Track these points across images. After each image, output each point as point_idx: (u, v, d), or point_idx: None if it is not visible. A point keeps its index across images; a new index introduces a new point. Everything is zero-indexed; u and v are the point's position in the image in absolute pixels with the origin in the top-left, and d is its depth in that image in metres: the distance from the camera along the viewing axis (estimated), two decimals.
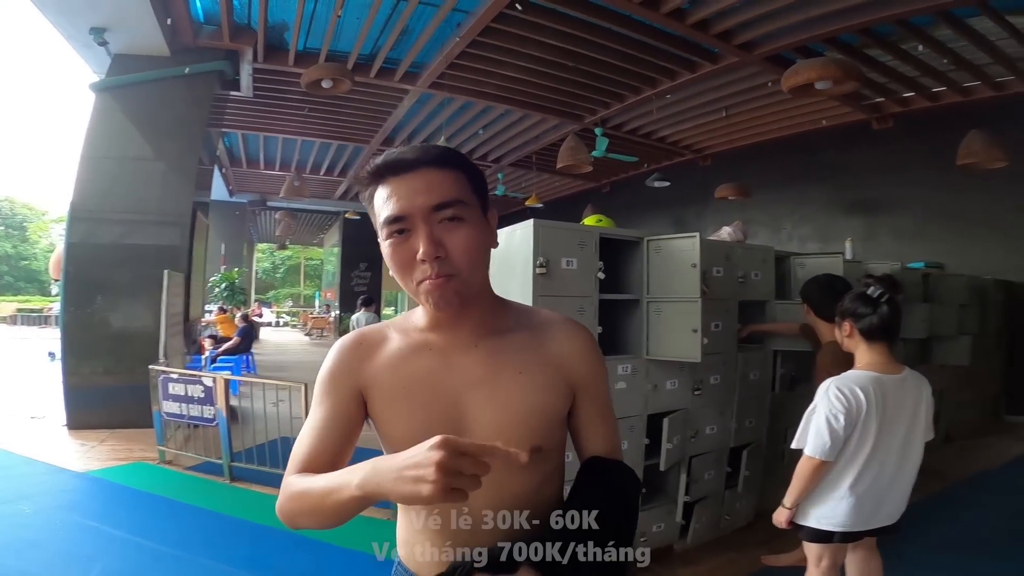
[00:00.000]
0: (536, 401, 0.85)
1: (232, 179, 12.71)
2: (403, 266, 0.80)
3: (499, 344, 0.87)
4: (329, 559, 2.86)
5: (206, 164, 9.30)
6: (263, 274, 33.48)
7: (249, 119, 8.44)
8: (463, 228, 0.80)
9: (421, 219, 0.79)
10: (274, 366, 10.49)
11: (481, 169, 0.88)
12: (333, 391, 0.88)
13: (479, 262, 0.83)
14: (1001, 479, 4.27)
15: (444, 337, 0.87)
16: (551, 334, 0.90)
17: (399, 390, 0.86)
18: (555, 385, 0.87)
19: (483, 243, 0.83)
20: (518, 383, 0.85)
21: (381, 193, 0.83)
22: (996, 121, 5.53)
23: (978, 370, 5.11)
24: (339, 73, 5.15)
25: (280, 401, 4.36)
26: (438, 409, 0.84)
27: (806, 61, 4.02)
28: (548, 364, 0.88)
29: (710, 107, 7.11)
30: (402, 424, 0.86)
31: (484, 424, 0.83)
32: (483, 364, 0.86)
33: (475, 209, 0.83)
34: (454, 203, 0.80)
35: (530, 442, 0.77)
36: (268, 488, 3.81)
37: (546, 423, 0.86)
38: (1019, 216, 6.27)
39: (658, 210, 9.52)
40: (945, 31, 4.85)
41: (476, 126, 8.30)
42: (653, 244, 2.72)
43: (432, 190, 0.79)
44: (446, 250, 0.79)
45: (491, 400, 0.84)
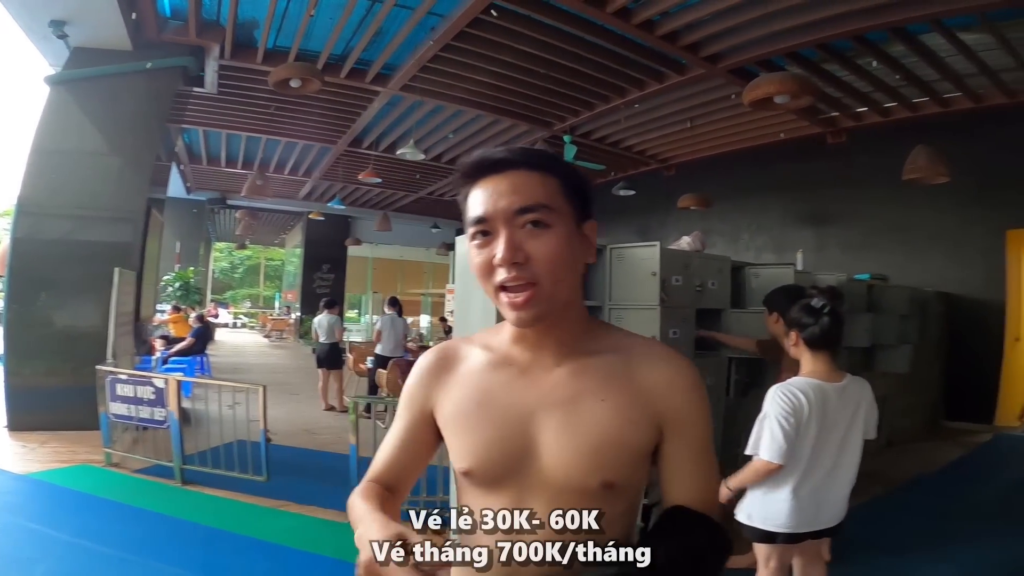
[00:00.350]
0: (613, 432, 0.78)
1: (190, 176, 12.34)
2: (482, 270, 0.77)
3: (583, 366, 0.81)
4: (286, 562, 2.82)
5: (163, 160, 9.04)
6: (221, 274, 32.47)
7: (212, 116, 8.22)
8: (547, 234, 0.76)
9: (502, 222, 0.75)
10: (230, 368, 10.23)
11: (585, 177, 0.83)
12: (407, 409, 0.91)
13: (564, 273, 0.77)
14: (939, 482, 4.48)
15: (525, 354, 0.83)
16: (645, 362, 0.82)
17: (470, 404, 0.84)
18: (639, 418, 0.79)
19: (570, 253, 0.78)
20: (597, 410, 0.79)
21: (471, 194, 0.80)
22: (941, 137, 5.81)
23: (918, 377, 5.40)
24: (309, 73, 5.08)
25: (237, 404, 4.26)
26: (507, 428, 0.80)
27: (766, 75, 4.19)
28: (635, 394, 0.80)
29: (675, 118, 7.31)
30: (469, 439, 0.83)
31: (553, 450, 0.78)
32: (563, 386, 0.81)
33: (566, 217, 0.78)
34: (538, 208, 0.76)
35: (600, 475, 0.75)
36: (224, 491, 3.73)
37: (622, 457, 0.78)
38: (959, 231, 6.63)
39: (623, 218, 9.68)
40: (899, 47, 5.10)
41: (446, 130, 8.29)
42: (615, 252, 2.79)
43: (516, 192, 0.76)
44: (527, 256, 0.75)
45: (565, 425, 0.79)
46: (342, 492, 3.42)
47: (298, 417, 6.54)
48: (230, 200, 14.10)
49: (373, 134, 8.71)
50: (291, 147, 9.83)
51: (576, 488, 0.76)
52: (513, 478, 0.79)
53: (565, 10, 4.86)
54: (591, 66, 5.88)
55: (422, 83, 6.40)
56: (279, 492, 3.80)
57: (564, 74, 6.08)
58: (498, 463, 0.80)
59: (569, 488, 0.76)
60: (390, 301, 7.31)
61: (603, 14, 4.72)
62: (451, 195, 12.26)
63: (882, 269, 6.61)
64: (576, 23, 5.06)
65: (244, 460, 3.93)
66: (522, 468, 0.79)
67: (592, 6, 4.64)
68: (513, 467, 0.79)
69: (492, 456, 0.80)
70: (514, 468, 0.79)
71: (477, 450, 0.81)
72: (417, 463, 0.90)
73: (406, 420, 0.90)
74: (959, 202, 6.44)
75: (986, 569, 2.90)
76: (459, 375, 0.87)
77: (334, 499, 3.68)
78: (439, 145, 9.00)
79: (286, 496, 3.75)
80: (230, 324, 24.50)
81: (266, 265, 33.13)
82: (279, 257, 29.28)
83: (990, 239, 6.50)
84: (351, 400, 3.77)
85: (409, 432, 0.89)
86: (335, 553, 2.86)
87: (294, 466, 4.43)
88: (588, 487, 0.76)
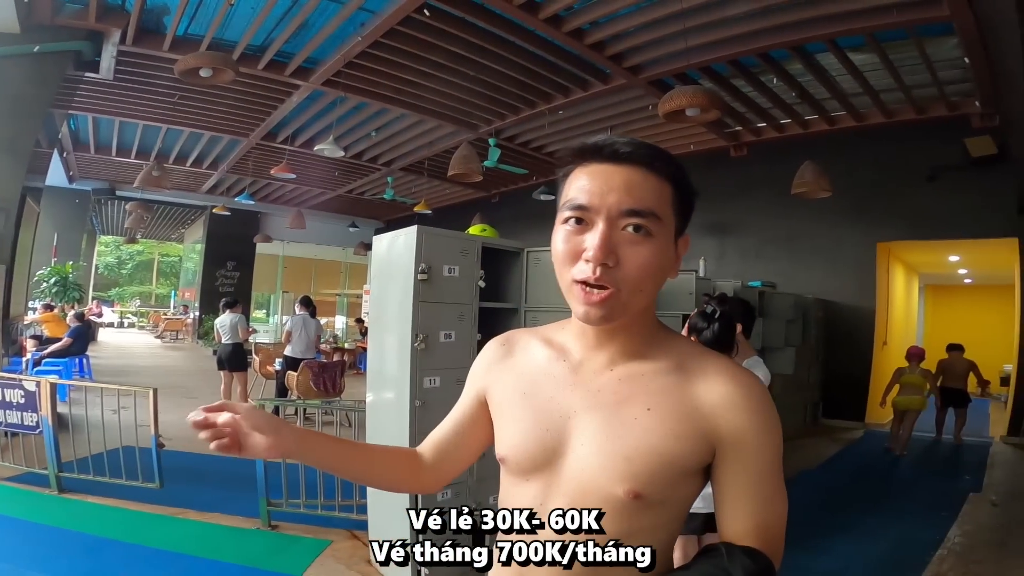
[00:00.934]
0: (653, 444, 0.74)
1: (74, 165, 11.17)
2: (567, 256, 0.74)
3: (638, 373, 0.79)
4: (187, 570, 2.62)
5: (44, 147, 8.14)
6: (106, 269, 29.54)
7: (105, 102, 7.49)
8: (647, 244, 0.72)
9: (605, 217, 0.72)
10: (115, 371, 9.45)
11: (694, 189, 0.79)
12: (468, 389, 0.94)
13: (648, 285, 0.75)
14: (819, 477, 4.92)
15: (583, 352, 0.83)
16: (706, 377, 0.77)
17: (517, 393, 0.85)
18: (686, 433, 0.75)
19: (661, 266, 0.75)
20: (640, 419, 0.75)
21: (578, 174, 0.76)
22: (827, 154, 6.45)
23: (800, 378, 5.97)
24: (222, 63, 4.73)
25: (123, 408, 3.95)
26: (546, 423, 0.80)
27: (679, 88, 4.42)
28: (689, 408, 0.75)
29: (597, 126, 7.54)
30: (509, 427, 0.84)
31: (585, 450, 0.77)
32: (611, 390, 0.79)
33: (668, 228, 0.75)
34: (647, 214, 0.72)
35: (627, 484, 0.73)
36: (108, 499, 3.44)
37: (657, 470, 0.74)
38: (837, 242, 7.40)
39: (543, 223, 9.70)
40: (797, 65, 5.55)
41: (369, 127, 8.10)
42: (532, 255, 2.88)
43: (630, 192, 0.72)
44: (618, 260, 0.72)
45: (603, 429, 0.76)
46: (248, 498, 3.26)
47: None
48: (120, 191, 12.90)
49: (289, 128, 8.30)
50: (196, 138, 9.13)
51: (600, 493, 0.75)
52: (543, 472, 0.79)
53: (499, 14, 4.91)
54: (520, 71, 5.96)
55: (346, 79, 6.21)
56: (176, 499, 3.53)
57: (493, 77, 6.13)
58: (531, 455, 0.80)
59: (593, 492, 0.75)
60: (302, 301, 6.97)
61: (535, 20, 4.82)
62: (371, 194, 11.96)
63: (772, 277, 7.25)
64: (508, 27, 5.13)
65: (133, 467, 3.62)
66: (552, 464, 0.79)
67: (525, 12, 4.72)
68: (544, 462, 0.79)
69: (527, 447, 0.80)
70: (545, 463, 0.79)
71: (514, 439, 0.82)
72: (468, 443, 0.93)
73: (463, 401, 0.94)
74: (838, 215, 7.14)
75: (862, 559, 3.15)
76: (516, 363, 0.88)
77: (239, 505, 3.49)
78: (361, 143, 8.76)
79: (184, 503, 3.50)
80: (116, 324, 22.70)
81: (160, 261, 30.53)
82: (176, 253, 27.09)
83: (863, 251, 7.31)
84: (257, 403, 3.56)
85: (464, 413, 0.93)
86: (244, 560, 2.69)
87: (193, 472, 4.16)
88: (613, 494, 0.74)
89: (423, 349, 2.48)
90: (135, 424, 3.73)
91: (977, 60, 4.78)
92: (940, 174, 6.54)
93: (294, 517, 3.36)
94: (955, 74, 5.51)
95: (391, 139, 8.54)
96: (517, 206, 10.97)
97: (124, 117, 8.06)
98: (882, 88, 5.93)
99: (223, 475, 4.28)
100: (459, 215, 10.79)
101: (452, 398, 2.82)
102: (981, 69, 4.94)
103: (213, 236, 14.29)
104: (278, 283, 16.09)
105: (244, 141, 8.79)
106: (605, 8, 4.74)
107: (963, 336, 11.93)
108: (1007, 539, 3.51)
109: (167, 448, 3.81)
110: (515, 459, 0.82)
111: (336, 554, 3.02)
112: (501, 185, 11.08)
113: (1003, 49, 3.98)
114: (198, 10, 5.23)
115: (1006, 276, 8.32)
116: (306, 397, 6.00)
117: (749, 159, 7.72)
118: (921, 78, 5.61)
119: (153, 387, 3.72)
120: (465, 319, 2.61)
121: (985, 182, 6.23)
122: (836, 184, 6.06)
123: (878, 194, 6.99)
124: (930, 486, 4.79)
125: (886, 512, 4.01)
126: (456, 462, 0.94)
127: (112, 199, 13.70)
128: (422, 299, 2.46)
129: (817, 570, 2.94)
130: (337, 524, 3.34)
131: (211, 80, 4.83)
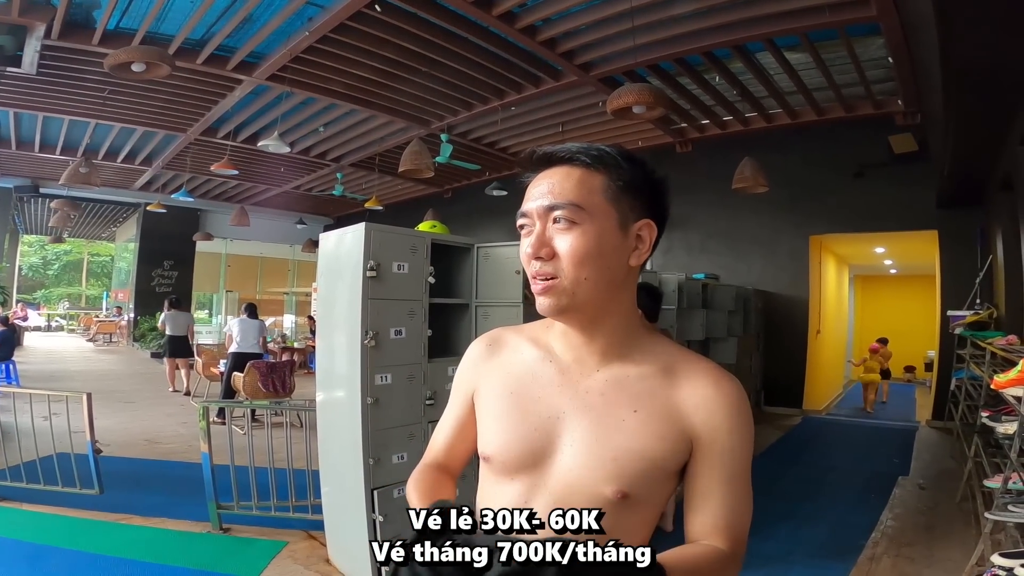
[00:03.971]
0: (637, 445, 0.78)
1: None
2: (524, 259, 0.81)
3: (622, 375, 0.82)
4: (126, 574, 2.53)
5: None
6: (31, 271, 27.60)
7: (28, 97, 7.01)
8: (572, 232, 0.77)
9: (537, 217, 0.79)
10: (45, 376, 9.01)
11: (650, 177, 0.82)
12: (457, 394, 0.95)
13: (588, 271, 0.77)
14: (761, 463, 5.07)
15: (568, 353, 0.85)
16: (687, 379, 0.80)
17: (504, 392, 0.86)
18: (669, 434, 0.78)
19: (598, 252, 0.77)
20: (626, 421, 0.79)
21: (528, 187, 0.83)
22: (765, 150, 6.69)
23: (741, 367, 6.22)
24: (156, 57, 4.48)
25: (54, 414, 3.77)
26: (536, 422, 0.82)
27: (626, 86, 4.53)
28: (670, 409, 0.79)
29: (549, 122, 7.63)
30: (494, 425, 0.85)
31: (573, 451, 0.79)
32: (597, 392, 0.81)
33: (601, 216, 0.78)
34: (565, 206, 0.77)
35: (615, 484, 0.76)
36: (45, 506, 3.31)
37: (642, 470, 0.77)
38: (774, 235, 7.75)
39: (495, 218, 9.90)
40: (738, 64, 5.75)
41: (317, 123, 7.90)
42: (482, 251, 2.92)
43: (552, 191, 0.78)
44: (553, 252, 0.78)
45: (590, 430, 0.79)
46: (195, 502, 3.18)
47: (136, 426, 5.86)
48: (45, 188, 12.08)
49: (231, 123, 7.95)
50: (127, 133, 8.61)
51: (587, 493, 0.77)
52: (528, 472, 0.81)
53: (451, 9, 4.88)
54: (473, 67, 5.94)
55: (293, 74, 6.02)
56: (117, 505, 3.40)
57: (445, 73, 6.08)
58: (517, 455, 0.81)
59: (580, 491, 0.77)
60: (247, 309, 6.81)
61: (488, 16, 4.82)
62: (319, 190, 11.67)
63: (715, 269, 7.54)
64: (461, 23, 5.11)
65: (69, 473, 3.46)
66: (539, 464, 0.80)
67: (478, 8, 4.72)
68: (531, 461, 0.81)
69: (512, 447, 0.82)
70: (532, 462, 0.81)
71: (500, 438, 0.83)
72: (471, 444, 0.94)
73: (456, 404, 0.95)
74: (774, 210, 7.50)
75: (803, 543, 3.29)
76: (502, 362, 0.90)
77: (186, 509, 3.40)
78: (308, 138, 8.53)
79: (126, 509, 3.38)
80: (43, 327, 21.47)
81: (90, 261, 28.75)
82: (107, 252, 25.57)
83: (797, 243, 7.71)
84: (200, 405, 3.46)
85: (460, 416, 0.95)
86: (195, 564, 2.62)
87: (134, 477, 4.02)
88: (601, 494, 0.77)
89: (373, 346, 2.47)
90: (69, 430, 3.57)
91: (900, 59, 5.09)
92: (867, 170, 6.96)
93: (247, 519, 3.28)
94: (880, 73, 5.84)
95: (340, 134, 8.36)
96: (470, 201, 10.96)
97: (49, 112, 7.55)
98: (815, 87, 6.22)
99: (166, 479, 4.15)
100: (412, 211, 10.70)
101: (404, 395, 2.84)
102: (903, 68, 5.25)
103: (148, 234, 13.55)
104: (221, 282, 15.46)
105: (182, 136, 8.39)
106: (557, 5, 4.80)
107: (890, 324, 12.88)
108: (935, 521, 3.70)
109: (105, 454, 3.67)
110: (501, 458, 0.83)
111: (293, 555, 2.98)
112: (454, 181, 11.04)
113: (922, 48, 4.20)
114: (131, 3, 4.96)
115: (928, 266, 8.84)
116: (254, 398, 5.83)
117: (694, 155, 7.94)
118: (850, 77, 5.92)
119: (87, 392, 3.57)
120: (416, 315, 2.62)
121: (907, 178, 6.64)
122: (772, 180, 6.31)
123: (810, 189, 7.36)
124: (862, 470, 5.04)
125: (823, 497, 4.21)
126: (464, 461, 0.98)
127: (36, 196, 12.83)
128: (371, 296, 2.46)
129: (764, 555, 3.07)
130: (292, 525, 3.28)
131: (145, 75, 4.56)
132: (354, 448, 2.50)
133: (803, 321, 7.77)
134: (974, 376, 4.37)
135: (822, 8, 4.51)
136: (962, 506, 3.87)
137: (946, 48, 3.11)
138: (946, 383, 6.25)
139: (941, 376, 6.90)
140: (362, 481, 2.46)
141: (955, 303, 6.18)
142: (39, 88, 6.69)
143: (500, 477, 0.84)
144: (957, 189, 5.92)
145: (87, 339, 17.46)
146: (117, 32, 5.37)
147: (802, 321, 7.77)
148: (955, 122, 4.14)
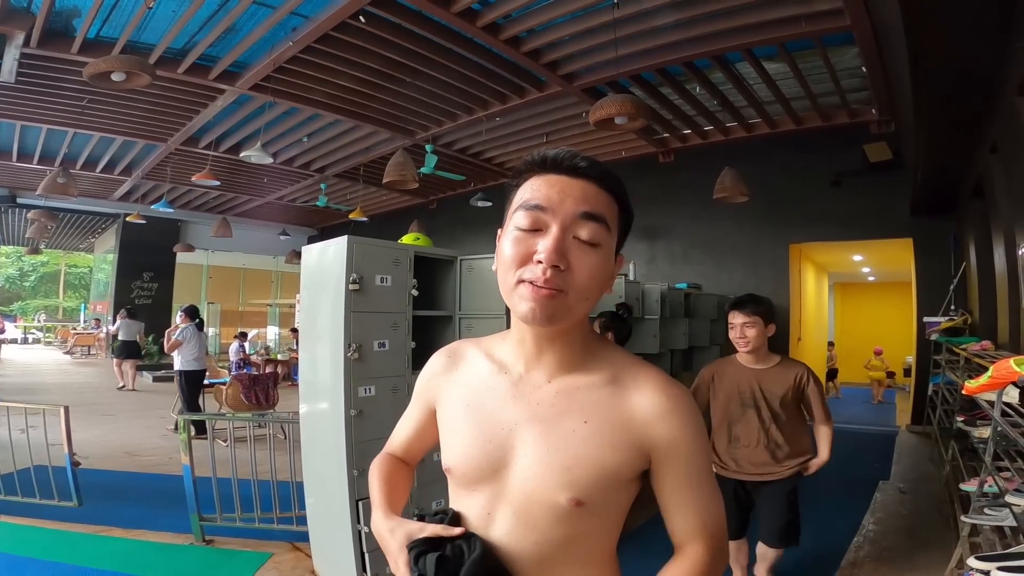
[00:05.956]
0: (589, 454, 0.79)
1: None
2: (516, 259, 0.76)
3: (573, 386, 0.83)
4: None
5: None
6: (7, 282, 27.00)
7: (4, 105, 6.91)
8: (595, 253, 0.77)
9: (560, 221, 0.76)
10: (21, 389, 8.90)
11: (632, 211, 0.85)
12: (415, 402, 1.01)
13: (593, 293, 0.78)
14: None
15: (521, 365, 0.86)
16: (637, 389, 0.81)
17: (461, 406, 0.88)
18: (621, 443, 0.79)
19: (606, 276, 0.80)
20: (577, 431, 0.79)
21: (535, 181, 0.80)
22: (745, 160, 6.80)
23: None
24: (136, 66, 4.44)
25: (32, 427, 3.70)
26: (490, 433, 0.83)
27: (608, 97, 4.60)
28: (623, 419, 0.80)
29: (533, 132, 7.69)
30: (453, 438, 0.88)
31: (527, 462, 0.80)
32: (549, 403, 0.82)
33: (611, 242, 0.80)
34: (601, 219, 0.77)
35: (569, 492, 0.77)
36: (23, 518, 3.28)
37: (595, 478, 0.78)
38: (754, 244, 7.83)
39: (480, 229, 9.90)
40: (718, 74, 5.85)
41: (300, 133, 7.88)
42: (466, 263, 2.94)
43: (586, 199, 0.77)
44: (568, 265, 0.75)
45: (543, 440, 0.80)
46: (177, 514, 3.14)
47: (115, 439, 5.77)
48: (21, 198, 11.85)
49: (213, 133, 7.90)
50: (107, 142, 8.50)
51: (544, 501, 0.79)
52: (489, 483, 0.83)
53: (436, 21, 4.92)
54: (457, 77, 5.98)
55: (276, 84, 6.02)
56: (97, 517, 3.35)
57: (430, 84, 6.11)
58: (476, 466, 0.83)
59: (537, 500, 0.79)
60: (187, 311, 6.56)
61: (473, 27, 4.87)
62: (303, 201, 11.59)
63: (698, 279, 7.61)
64: (445, 34, 5.15)
65: (47, 486, 3.41)
66: (497, 475, 0.82)
67: (463, 19, 4.76)
68: (490, 472, 0.82)
69: (472, 459, 0.84)
70: (491, 473, 0.82)
71: (459, 450, 0.86)
72: (427, 444, 1.02)
73: (415, 409, 1.01)
74: (755, 219, 7.59)
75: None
76: (460, 375, 0.92)
77: (168, 521, 3.35)
78: (292, 148, 8.49)
79: (106, 521, 3.33)
80: (20, 340, 21.15)
81: (68, 272, 28.21)
82: (86, 264, 25.13)
83: (777, 252, 7.80)
84: (181, 419, 3.43)
85: (418, 421, 1.01)
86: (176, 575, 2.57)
87: (114, 490, 3.97)
88: (556, 502, 0.78)
89: (356, 359, 2.47)
90: (47, 443, 3.53)
91: (873, 68, 5.22)
92: (843, 179, 7.09)
93: (230, 531, 3.23)
94: (855, 83, 5.98)
95: (324, 145, 8.33)
96: (455, 212, 10.97)
97: (26, 121, 7.44)
98: (792, 96, 6.35)
99: (147, 492, 4.09)
100: (397, 222, 10.67)
101: (388, 407, 2.83)
102: (877, 77, 5.40)
103: (127, 245, 13.32)
104: (203, 294, 15.25)
105: (162, 146, 8.30)
106: (541, 17, 4.87)
107: (869, 330, 13.07)
108: (915, 525, 3.74)
109: (84, 466, 3.61)
110: (461, 470, 0.85)
111: (279, 566, 2.94)
112: (439, 191, 11.05)
113: (894, 57, 4.31)
114: (112, 12, 4.93)
115: (904, 273, 8.97)
116: (237, 411, 5.76)
117: (676, 165, 8.03)
118: (826, 87, 6.07)
119: (64, 404, 3.53)
120: (399, 328, 2.62)
121: (883, 186, 6.77)
122: (753, 189, 6.41)
123: (789, 198, 7.47)
124: (843, 474, 5.10)
125: (806, 501, 4.26)
126: (419, 457, 1.06)
127: (12, 207, 12.57)
128: (354, 309, 2.46)
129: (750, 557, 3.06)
130: (277, 536, 3.24)
131: (125, 84, 4.53)
132: (338, 460, 2.49)
133: (784, 328, 7.86)
134: (950, 381, 4.45)
135: (799, 18, 4.63)
136: (942, 510, 3.92)
137: (915, 56, 3.18)
138: (924, 388, 6.36)
139: (919, 381, 6.99)
140: (347, 492, 2.44)
141: (931, 310, 6.31)
142: (17, 96, 6.60)
143: (463, 488, 0.86)
144: (931, 197, 6.05)
145: (64, 351, 17.12)
146: (98, 41, 5.33)
147: (783, 329, 7.85)
148: (926, 130, 4.24)
